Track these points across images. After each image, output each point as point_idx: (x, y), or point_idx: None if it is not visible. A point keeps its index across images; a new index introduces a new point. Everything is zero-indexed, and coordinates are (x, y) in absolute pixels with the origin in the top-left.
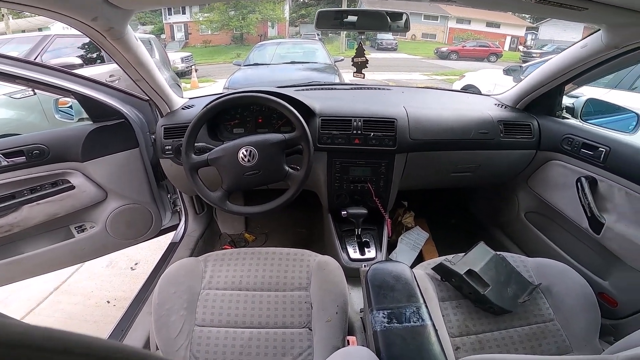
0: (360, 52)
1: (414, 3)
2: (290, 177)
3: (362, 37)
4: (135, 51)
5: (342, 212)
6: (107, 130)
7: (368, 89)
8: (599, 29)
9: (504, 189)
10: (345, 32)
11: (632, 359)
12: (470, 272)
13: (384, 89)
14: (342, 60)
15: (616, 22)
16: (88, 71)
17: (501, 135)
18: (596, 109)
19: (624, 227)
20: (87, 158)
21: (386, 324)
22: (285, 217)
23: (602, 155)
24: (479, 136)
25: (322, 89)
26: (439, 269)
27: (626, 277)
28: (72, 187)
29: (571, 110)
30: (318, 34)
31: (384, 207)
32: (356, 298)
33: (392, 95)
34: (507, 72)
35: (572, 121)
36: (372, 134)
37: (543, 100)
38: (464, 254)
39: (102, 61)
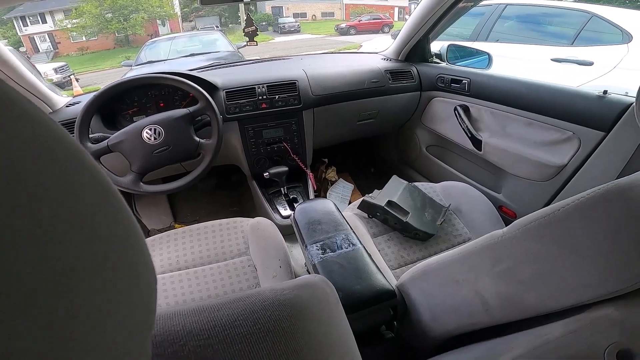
0: (249, 22)
1: None
2: (203, 147)
3: (252, 7)
4: None
5: (265, 174)
6: None
7: (269, 61)
8: None
9: (405, 130)
10: (230, 4)
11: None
12: (390, 203)
13: (283, 59)
14: (245, 45)
15: None
16: None
17: (390, 82)
18: (459, 53)
19: (496, 140)
20: None
21: (321, 255)
22: (215, 199)
23: (467, 86)
24: (372, 85)
25: (223, 67)
26: (363, 205)
27: (513, 185)
28: None
29: (440, 56)
30: (217, 26)
31: (304, 163)
32: (297, 254)
33: (291, 63)
34: (393, 36)
35: (442, 64)
36: (277, 96)
37: (417, 50)
38: (381, 190)
39: None
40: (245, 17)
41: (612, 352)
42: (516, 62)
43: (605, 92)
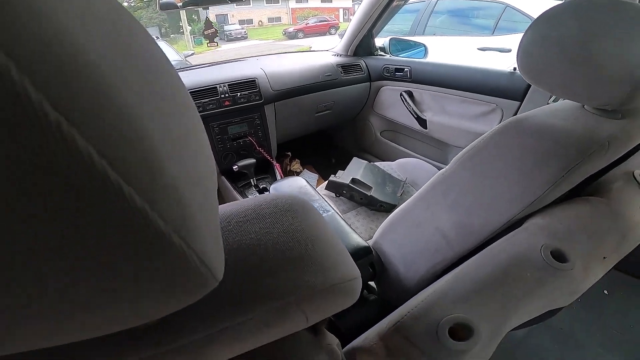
0: (208, 24)
1: None
2: None
3: (194, 16)
4: None
5: (234, 167)
6: None
7: (226, 63)
8: None
9: (360, 119)
10: (186, 10)
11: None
12: (354, 180)
13: (240, 60)
14: (192, 54)
15: None
16: None
17: (342, 75)
18: (400, 46)
19: (438, 118)
20: None
21: None
22: None
23: (409, 74)
24: (326, 78)
25: (180, 71)
26: (330, 185)
27: (456, 155)
28: None
29: (384, 50)
30: (157, 36)
31: (269, 155)
32: None
33: (248, 63)
34: (340, 36)
35: (386, 56)
36: (239, 94)
37: (363, 44)
38: (344, 171)
39: None
40: (205, 21)
41: (546, 251)
42: (449, 52)
43: (515, 68)
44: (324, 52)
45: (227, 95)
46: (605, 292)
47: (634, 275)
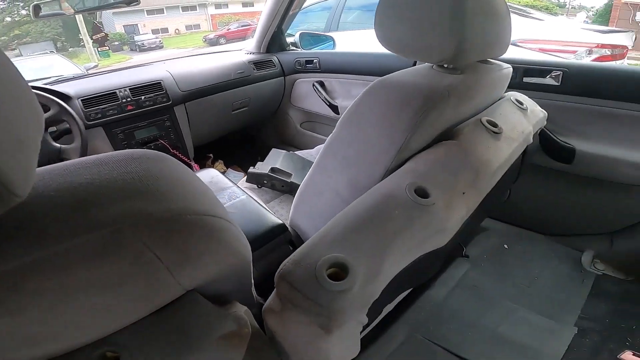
0: (96, 29)
1: None
2: (67, 152)
3: (94, 16)
4: None
5: None
6: None
7: (128, 69)
8: None
9: (279, 114)
10: (70, 15)
11: None
12: (273, 169)
13: (144, 65)
14: (95, 66)
15: None
16: None
17: (255, 71)
18: (311, 40)
19: (346, 103)
20: None
21: None
22: None
23: (318, 64)
24: (239, 75)
25: (74, 80)
26: (250, 177)
27: None
28: None
29: (295, 45)
30: (52, 50)
31: (186, 156)
32: None
33: (154, 67)
34: None
35: (298, 50)
36: (142, 97)
37: (274, 41)
38: (263, 162)
39: None
40: (89, 33)
41: (410, 189)
42: (359, 44)
43: None
44: (237, 52)
45: (129, 99)
46: (505, 246)
47: (529, 229)
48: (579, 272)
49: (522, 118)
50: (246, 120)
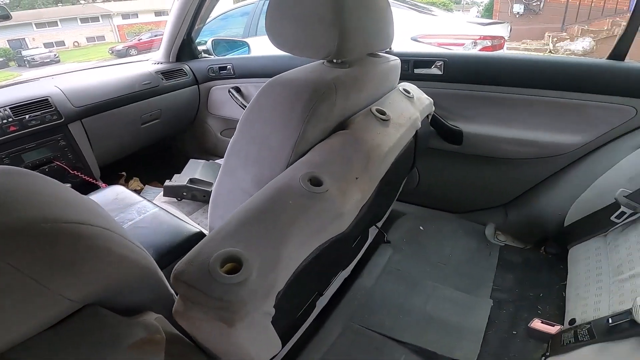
0: None
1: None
2: None
3: None
4: None
5: None
6: None
7: (8, 86)
8: None
9: (198, 124)
10: None
11: None
12: (192, 180)
13: (28, 82)
14: None
15: None
16: None
17: (164, 81)
18: (225, 46)
19: None
20: None
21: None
22: None
23: (231, 70)
24: (145, 87)
25: None
26: (167, 191)
27: None
28: None
29: (208, 52)
30: None
31: (92, 177)
32: None
33: (40, 83)
34: None
35: (212, 57)
36: (27, 116)
37: (184, 49)
38: (180, 174)
39: None
40: None
41: (304, 179)
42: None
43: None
44: (143, 62)
45: (10, 120)
46: (421, 227)
47: (440, 209)
48: (486, 245)
49: (409, 105)
50: (160, 133)
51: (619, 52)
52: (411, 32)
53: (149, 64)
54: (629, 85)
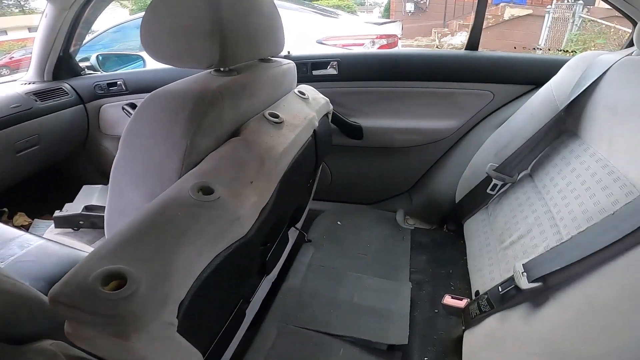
0: None
1: None
2: None
3: None
4: None
5: None
6: None
7: None
8: None
9: (91, 146)
10: None
11: None
12: (87, 208)
13: None
14: None
15: None
16: None
17: (38, 103)
18: (118, 60)
19: None
20: None
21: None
22: None
23: (123, 86)
24: (13, 110)
25: None
26: (59, 222)
27: None
28: None
29: (94, 68)
30: None
31: None
32: None
33: None
34: None
35: (98, 74)
36: None
37: (62, 66)
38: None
39: None
40: None
41: (194, 190)
42: None
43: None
44: (10, 83)
45: None
46: (339, 222)
47: (354, 203)
48: (398, 231)
49: (304, 106)
50: (42, 161)
51: (472, 43)
52: (316, 35)
53: (17, 84)
54: (484, 72)
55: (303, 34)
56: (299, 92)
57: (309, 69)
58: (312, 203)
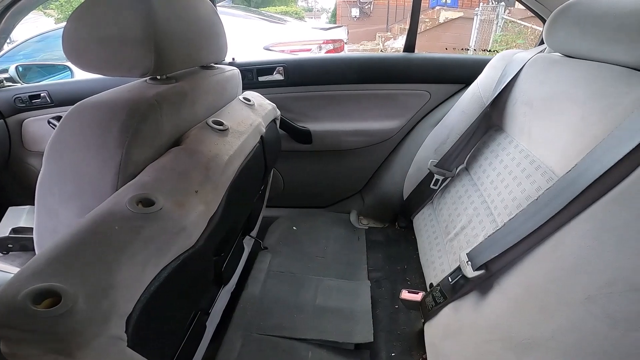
0: None
1: None
2: None
3: None
4: None
5: None
6: None
7: None
8: None
9: (14, 166)
10: None
11: None
12: (15, 230)
13: None
14: None
15: None
16: None
17: None
18: (42, 72)
19: None
20: None
21: None
22: None
23: (47, 98)
24: None
25: None
26: None
27: None
28: None
29: (12, 80)
30: None
31: None
32: None
33: None
34: None
35: (18, 85)
36: None
37: None
38: None
39: None
40: None
41: (132, 202)
42: None
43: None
44: None
45: None
46: (294, 227)
47: (309, 207)
48: (353, 231)
49: (249, 113)
50: None
51: (409, 46)
52: (264, 42)
53: None
54: (421, 73)
55: (250, 41)
56: (244, 98)
57: (254, 75)
58: (266, 210)
